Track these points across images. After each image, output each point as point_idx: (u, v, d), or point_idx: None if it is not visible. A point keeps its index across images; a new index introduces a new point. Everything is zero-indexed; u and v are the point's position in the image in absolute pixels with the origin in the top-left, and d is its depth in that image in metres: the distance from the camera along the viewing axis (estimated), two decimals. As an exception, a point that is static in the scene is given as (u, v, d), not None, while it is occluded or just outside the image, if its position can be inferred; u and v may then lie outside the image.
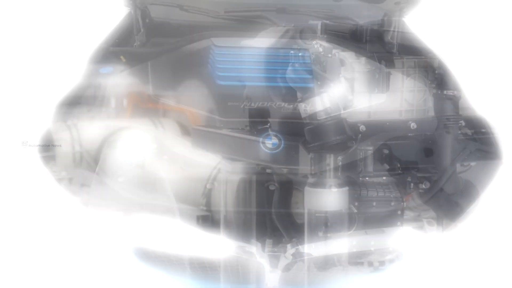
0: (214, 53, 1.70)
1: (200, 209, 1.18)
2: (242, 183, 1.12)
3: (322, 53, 1.69)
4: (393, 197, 1.11)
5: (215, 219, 1.20)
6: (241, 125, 1.26)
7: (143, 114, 1.52)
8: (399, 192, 1.14)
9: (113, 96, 1.43)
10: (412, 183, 1.15)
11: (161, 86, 1.45)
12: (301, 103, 1.35)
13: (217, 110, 1.29)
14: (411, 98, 1.34)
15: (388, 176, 1.17)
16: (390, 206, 1.10)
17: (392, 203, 1.11)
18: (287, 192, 1.11)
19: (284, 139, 1.21)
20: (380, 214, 1.11)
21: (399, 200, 1.12)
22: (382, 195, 1.11)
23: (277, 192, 1.12)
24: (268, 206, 1.08)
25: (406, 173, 1.23)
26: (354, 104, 1.22)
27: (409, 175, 1.22)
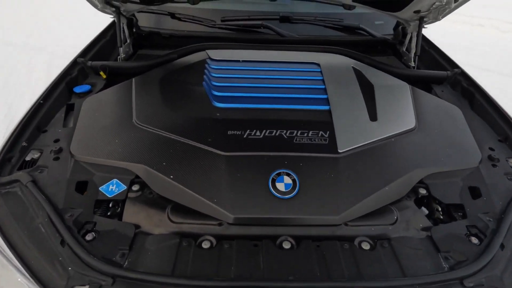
0: (209, 68, 1.47)
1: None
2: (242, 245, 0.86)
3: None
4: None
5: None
6: (244, 161, 1.00)
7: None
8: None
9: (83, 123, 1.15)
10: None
11: (146, 108, 1.19)
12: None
13: (214, 142, 1.03)
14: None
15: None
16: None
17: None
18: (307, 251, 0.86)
19: (300, 179, 0.97)
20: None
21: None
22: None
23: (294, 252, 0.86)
24: (283, 274, 0.82)
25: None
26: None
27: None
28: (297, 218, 0.91)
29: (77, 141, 1.08)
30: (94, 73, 1.50)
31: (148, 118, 1.16)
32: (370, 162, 1.03)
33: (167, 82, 1.36)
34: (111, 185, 1.00)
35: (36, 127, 1.15)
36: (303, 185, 0.96)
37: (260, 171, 0.98)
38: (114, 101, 1.27)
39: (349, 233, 0.92)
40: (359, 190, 0.96)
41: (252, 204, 0.92)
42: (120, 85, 1.36)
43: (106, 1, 1.49)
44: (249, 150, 1.03)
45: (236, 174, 0.97)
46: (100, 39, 1.76)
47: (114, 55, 1.77)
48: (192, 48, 1.61)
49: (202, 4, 1.66)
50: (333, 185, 0.96)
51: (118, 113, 1.20)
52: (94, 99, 1.28)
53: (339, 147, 1.05)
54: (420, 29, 1.63)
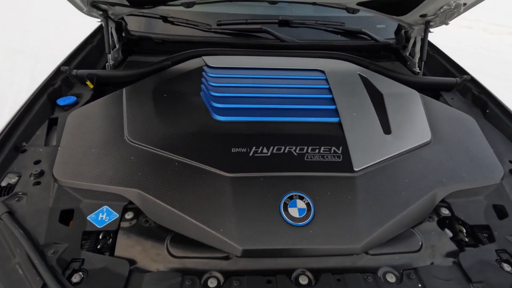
0: (207, 76, 1.36)
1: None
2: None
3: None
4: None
5: None
6: (252, 183, 0.89)
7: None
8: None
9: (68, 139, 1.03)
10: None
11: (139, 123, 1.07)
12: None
13: (217, 161, 0.92)
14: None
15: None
16: None
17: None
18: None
19: (314, 202, 0.87)
20: None
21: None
22: None
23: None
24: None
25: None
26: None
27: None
28: (314, 249, 0.81)
29: (61, 163, 0.96)
30: (80, 83, 1.37)
31: (141, 135, 1.04)
32: (389, 181, 0.95)
33: (162, 93, 1.25)
34: (101, 214, 0.88)
35: (14, 147, 1.02)
36: (318, 209, 0.86)
37: (270, 194, 0.88)
38: (103, 115, 1.14)
39: (372, 264, 0.82)
40: (380, 214, 0.87)
41: (263, 234, 0.81)
42: (109, 97, 1.24)
43: (92, 4, 1.36)
44: (256, 170, 0.93)
45: (243, 199, 0.87)
46: (86, 44, 1.63)
47: (102, 63, 1.64)
48: (187, 55, 1.49)
49: (197, 7, 1.55)
50: (351, 209, 0.87)
51: (107, 129, 1.08)
52: (80, 112, 1.16)
53: (354, 165, 0.96)
54: (426, 34, 1.56)
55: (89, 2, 1.35)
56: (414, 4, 1.45)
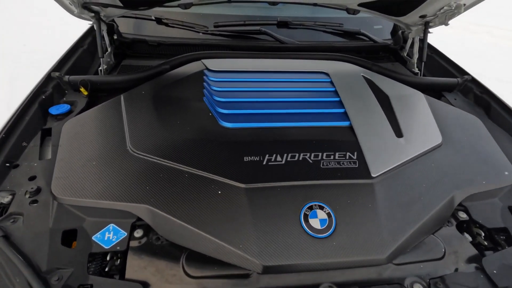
0: (209, 80, 1.30)
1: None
2: None
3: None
4: None
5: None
6: (269, 194, 0.85)
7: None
8: None
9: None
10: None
11: (142, 132, 1.00)
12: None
13: (230, 171, 0.87)
14: None
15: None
16: None
17: None
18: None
19: (335, 212, 0.83)
20: None
21: None
22: None
23: None
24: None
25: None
26: None
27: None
28: (339, 262, 0.77)
29: (59, 178, 0.88)
30: (72, 90, 1.28)
31: (145, 145, 0.98)
32: (407, 186, 0.92)
33: (163, 99, 1.18)
34: (107, 233, 0.82)
35: (5, 162, 0.93)
36: (339, 219, 0.82)
37: (288, 205, 0.84)
38: (101, 124, 1.07)
39: (398, 274, 0.80)
40: (402, 221, 0.84)
41: (284, 248, 0.77)
42: (107, 104, 1.16)
43: (83, 5, 1.28)
44: (272, 180, 0.89)
45: (261, 211, 0.82)
46: (77, 48, 1.54)
47: (94, 67, 1.55)
48: (185, 58, 1.43)
49: (193, 8, 1.49)
50: (373, 218, 0.84)
51: (108, 140, 1.00)
52: (76, 122, 1.08)
53: (371, 171, 0.93)
54: (426, 34, 1.56)
55: (80, 4, 1.27)
56: (415, 5, 1.44)
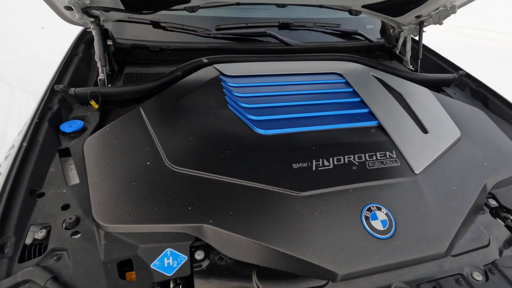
0: (227, 86, 1.25)
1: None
2: None
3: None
4: None
5: None
6: (327, 200, 0.84)
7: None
8: None
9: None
10: None
11: (176, 145, 0.93)
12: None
13: (282, 180, 0.85)
14: None
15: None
16: None
17: None
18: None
19: (392, 211, 0.85)
20: None
21: None
22: None
23: None
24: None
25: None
26: None
27: None
28: (406, 261, 0.79)
29: (99, 204, 0.79)
30: (79, 103, 1.16)
31: (185, 159, 0.91)
32: (446, 180, 0.97)
33: (185, 108, 1.11)
34: (166, 258, 0.75)
35: (29, 192, 0.81)
36: (397, 218, 0.84)
37: (348, 209, 0.84)
38: (127, 140, 0.98)
39: (456, 265, 0.84)
40: (451, 214, 0.89)
41: (355, 253, 0.77)
42: (126, 118, 1.07)
43: (84, 10, 1.17)
44: (326, 185, 0.88)
45: (324, 218, 0.81)
46: (72, 57, 1.40)
47: (92, 77, 1.42)
48: (196, 63, 1.37)
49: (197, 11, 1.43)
50: (426, 213, 0.87)
51: (140, 157, 0.92)
52: (97, 140, 0.98)
53: (414, 168, 0.96)
54: (421, 33, 1.66)
55: (80, 9, 1.15)
56: (413, 7, 1.52)
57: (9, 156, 0.89)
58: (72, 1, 1.10)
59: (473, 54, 5.29)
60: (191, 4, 1.33)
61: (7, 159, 0.89)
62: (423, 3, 1.45)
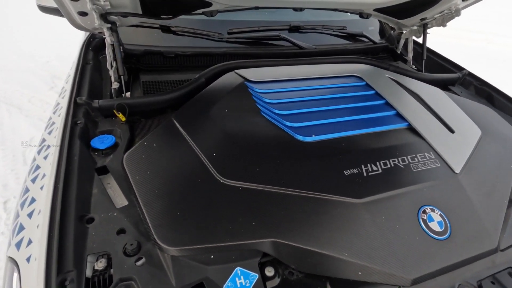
0: (256, 92, 1.23)
1: None
2: None
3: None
4: None
5: None
6: (385, 205, 0.85)
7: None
8: None
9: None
10: None
11: (223, 158, 0.90)
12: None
13: (339, 187, 0.85)
14: None
15: None
16: None
17: None
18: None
19: (445, 212, 0.88)
20: None
21: None
22: None
23: None
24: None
25: None
26: None
27: None
28: (465, 260, 0.82)
29: (159, 227, 0.74)
30: (103, 116, 1.08)
31: (235, 172, 0.88)
32: (482, 176, 1.02)
33: (219, 118, 1.08)
34: (238, 278, 0.72)
35: (78, 218, 0.74)
36: (451, 218, 0.87)
37: (405, 213, 0.85)
38: (169, 155, 0.93)
39: (506, 258, 0.88)
40: (495, 209, 0.93)
41: (421, 256, 0.79)
42: (160, 130, 1.01)
43: (103, 16, 1.09)
44: (380, 190, 0.89)
45: (386, 223, 0.82)
46: (85, 67, 1.30)
47: (106, 86, 1.33)
48: (218, 69, 1.33)
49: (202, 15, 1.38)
50: (474, 211, 0.91)
51: (189, 172, 0.88)
52: (136, 156, 0.92)
53: (454, 168, 1.00)
54: (425, 35, 1.73)
55: (99, 14, 1.08)
56: (421, 10, 1.58)
57: (46, 179, 0.81)
58: (93, 7, 1.02)
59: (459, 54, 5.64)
60: (211, 8, 1.29)
61: (44, 183, 0.81)
62: (431, 6, 1.51)
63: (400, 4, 1.49)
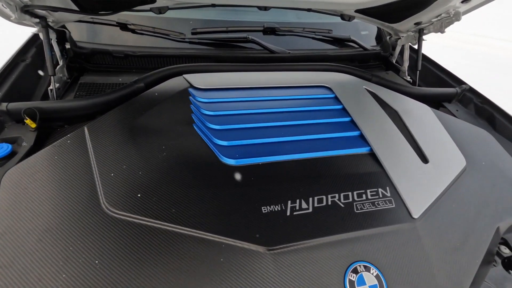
0: (196, 101, 1.07)
1: None
2: None
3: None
4: None
5: None
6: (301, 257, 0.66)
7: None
8: None
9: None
10: None
11: (121, 182, 0.75)
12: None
13: (246, 231, 0.67)
14: None
15: None
16: None
17: None
18: None
19: (384, 272, 0.67)
20: None
21: None
22: None
23: None
24: None
25: None
26: None
27: None
28: None
29: (3, 267, 0.60)
30: (14, 121, 0.97)
31: (127, 199, 0.73)
32: (451, 225, 0.80)
33: (141, 130, 0.93)
34: None
35: None
36: (391, 281, 0.67)
37: (328, 271, 0.66)
38: (60, 171, 0.79)
39: None
40: (459, 272, 0.71)
41: None
42: (64, 142, 0.88)
43: (24, 10, 0.98)
44: (302, 237, 0.70)
45: (297, 284, 0.63)
46: (16, 63, 1.20)
47: (42, 87, 1.23)
48: (164, 73, 1.18)
49: (167, 12, 1.24)
50: (428, 272, 0.70)
51: (72, 196, 0.74)
52: (22, 170, 0.79)
53: (412, 212, 0.79)
54: (421, 42, 1.49)
55: (18, 7, 0.96)
56: (412, 13, 1.35)
57: None
58: (6, 0, 0.91)
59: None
60: (157, 4, 1.15)
61: None
62: (422, 9, 1.28)
63: (385, 5, 1.27)
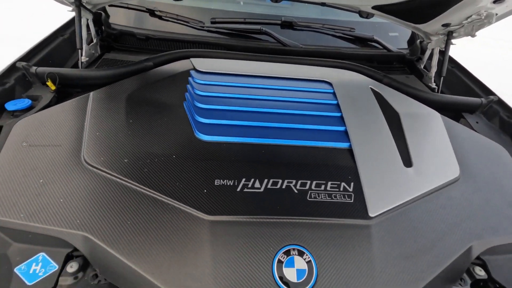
0: (193, 82, 1.15)
1: None
2: None
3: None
4: None
5: None
6: (237, 230, 0.68)
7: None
8: None
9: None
10: None
11: (103, 139, 0.85)
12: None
13: (194, 198, 0.72)
14: None
15: None
16: None
17: None
18: None
19: (318, 260, 0.66)
20: None
21: None
22: None
23: None
24: None
25: None
26: None
27: None
28: None
29: None
30: (40, 83, 1.14)
31: (102, 155, 0.82)
32: (414, 232, 0.74)
33: (137, 101, 1.03)
34: (35, 264, 0.66)
35: None
36: (322, 271, 0.65)
37: (261, 247, 0.67)
38: (58, 126, 0.92)
39: None
40: (405, 278, 0.67)
41: None
42: (71, 102, 1.01)
43: None
44: (244, 212, 0.72)
45: (226, 254, 0.66)
46: (55, 37, 1.40)
47: (74, 59, 1.41)
48: (173, 55, 1.28)
49: (190, 1, 1.34)
50: (367, 272, 0.66)
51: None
52: (31, 121, 0.93)
53: (369, 210, 0.75)
54: (448, 46, 1.37)
55: None
56: (437, 12, 1.25)
57: None
58: None
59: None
60: None
61: None
62: (447, 8, 1.19)
63: (403, 3, 1.21)
